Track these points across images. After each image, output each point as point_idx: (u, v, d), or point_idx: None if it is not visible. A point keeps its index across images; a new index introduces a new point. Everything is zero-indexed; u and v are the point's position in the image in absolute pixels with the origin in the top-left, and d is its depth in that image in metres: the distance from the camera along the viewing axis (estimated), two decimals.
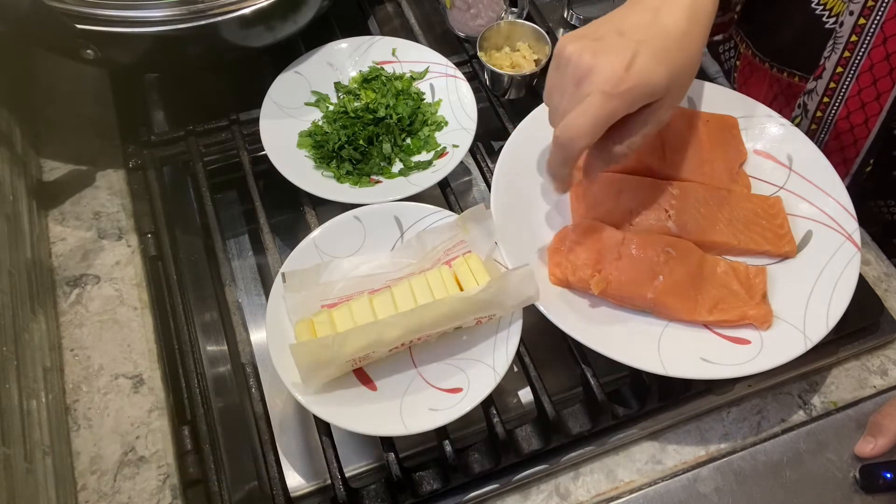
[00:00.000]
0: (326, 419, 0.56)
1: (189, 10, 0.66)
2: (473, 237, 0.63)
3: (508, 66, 0.81)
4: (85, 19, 0.64)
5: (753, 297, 0.61)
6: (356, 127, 0.74)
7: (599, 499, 0.60)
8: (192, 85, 0.83)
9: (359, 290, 0.62)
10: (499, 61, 0.82)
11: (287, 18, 0.72)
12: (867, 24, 0.63)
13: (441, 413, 0.56)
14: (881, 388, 0.66)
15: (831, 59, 0.67)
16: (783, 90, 0.77)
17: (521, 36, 0.83)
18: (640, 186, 0.66)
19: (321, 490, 0.63)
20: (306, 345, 0.55)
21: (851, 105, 0.67)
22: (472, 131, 0.74)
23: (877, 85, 0.65)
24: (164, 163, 0.76)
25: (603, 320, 0.62)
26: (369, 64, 0.80)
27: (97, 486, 0.60)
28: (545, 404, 0.60)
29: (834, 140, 0.71)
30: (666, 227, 0.64)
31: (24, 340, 0.60)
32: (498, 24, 0.81)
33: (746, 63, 0.80)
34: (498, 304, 0.58)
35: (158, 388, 0.65)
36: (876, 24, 0.63)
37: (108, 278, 0.71)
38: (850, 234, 0.64)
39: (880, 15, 0.62)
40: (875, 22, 0.63)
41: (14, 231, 0.65)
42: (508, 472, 0.60)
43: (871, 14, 0.63)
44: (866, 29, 0.63)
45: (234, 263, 0.79)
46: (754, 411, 0.65)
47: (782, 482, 0.60)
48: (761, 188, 0.69)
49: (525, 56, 0.82)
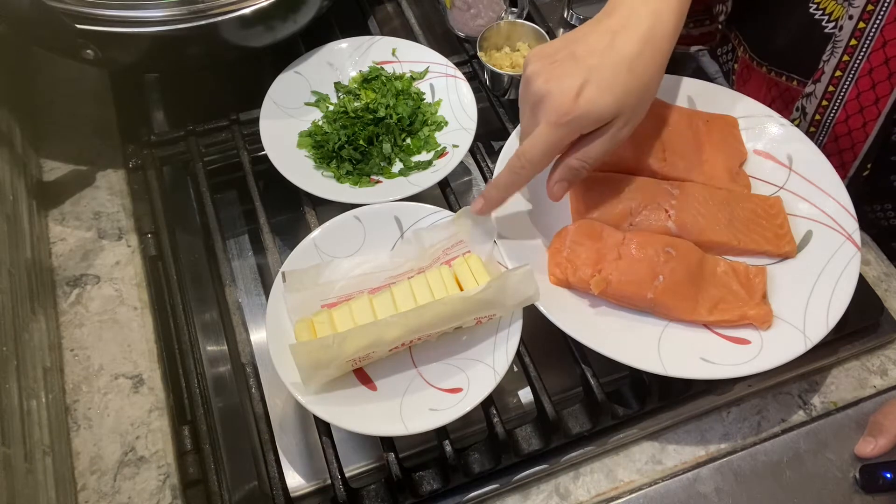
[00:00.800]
0: (326, 419, 0.56)
1: (189, 10, 0.66)
2: (473, 237, 0.63)
3: (508, 66, 0.81)
4: (85, 19, 0.64)
5: (753, 297, 0.61)
6: (356, 127, 0.74)
7: (599, 499, 0.60)
8: (192, 85, 0.83)
9: (359, 289, 0.62)
10: (499, 61, 0.82)
11: (287, 18, 0.72)
12: (867, 28, 0.63)
13: (441, 413, 0.56)
14: (881, 388, 0.66)
15: (830, 63, 0.67)
16: (781, 93, 0.77)
17: (521, 36, 0.83)
18: (640, 186, 0.66)
19: (321, 490, 0.63)
20: (306, 345, 0.55)
21: (850, 109, 0.67)
22: (472, 131, 0.74)
23: (875, 89, 0.65)
24: (164, 163, 0.76)
25: (603, 320, 0.62)
26: (369, 64, 0.80)
27: (97, 486, 0.60)
28: (545, 404, 0.60)
29: (832, 143, 0.71)
30: (666, 227, 0.64)
31: (24, 340, 0.60)
32: (498, 24, 0.81)
33: (744, 66, 0.81)
34: (498, 304, 0.58)
35: (158, 388, 0.65)
36: (875, 28, 0.63)
37: (108, 278, 0.71)
38: (851, 234, 0.64)
39: (880, 19, 0.62)
40: (875, 26, 0.63)
41: (14, 231, 0.65)
42: (508, 472, 0.60)
43: (870, 18, 0.63)
44: (866, 33, 0.63)
45: (234, 263, 0.79)
46: (754, 411, 0.65)
47: (782, 482, 0.60)
48: (761, 188, 0.69)
49: (525, 56, 0.81)
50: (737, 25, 0.81)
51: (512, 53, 0.82)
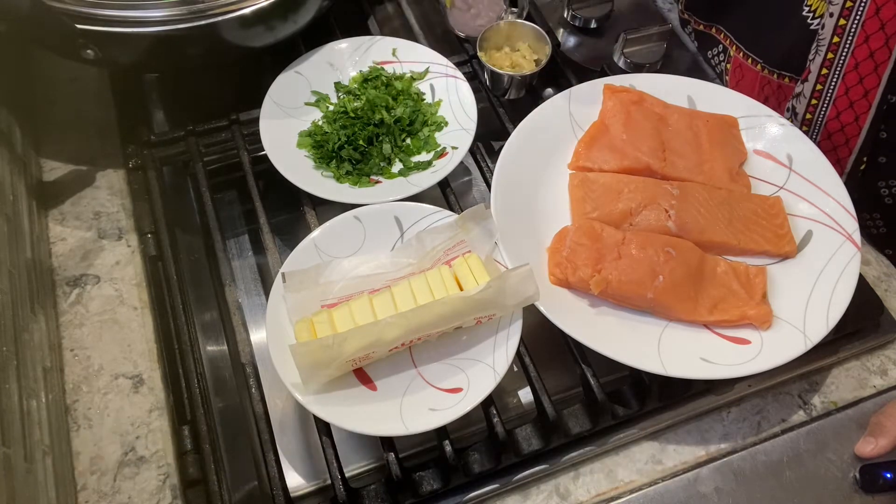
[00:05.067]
0: (326, 419, 0.56)
1: (189, 10, 0.66)
2: (473, 237, 0.63)
3: (508, 65, 0.81)
4: (85, 19, 0.64)
5: (753, 297, 0.61)
6: (356, 127, 0.74)
7: (599, 499, 0.60)
8: (192, 85, 0.83)
9: (359, 290, 0.62)
10: (499, 61, 0.82)
11: (287, 18, 0.72)
12: (847, 24, 0.63)
13: (441, 413, 0.56)
14: (881, 388, 0.66)
15: (815, 62, 0.67)
16: (774, 91, 0.77)
17: (521, 36, 0.83)
18: (640, 186, 0.66)
19: (321, 490, 0.63)
20: (306, 345, 0.55)
21: (840, 105, 0.68)
22: (472, 131, 0.74)
23: (863, 83, 0.65)
24: (164, 163, 0.76)
25: (603, 320, 0.62)
26: (369, 64, 0.80)
27: (97, 486, 0.60)
28: (545, 404, 0.60)
29: (826, 141, 0.71)
30: (666, 227, 0.64)
31: (24, 340, 0.60)
32: (498, 24, 0.81)
33: (737, 65, 0.81)
34: (498, 303, 0.58)
35: (158, 388, 0.65)
36: (856, 23, 0.63)
37: (108, 278, 0.71)
38: (850, 234, 0.64)
39: (860, 14, 0.63)
40: (855, 22, 0.63)
41: (14, 231, 0.65)
42: (508, 472, 0.60)
43: (850, 14, 0.63)
44: (847, 29, 0.64)
45: (234, 263, 0.79)
46: (754, 411, 0.65)
47: (782, 482, 0.60)
48: (761, 188, 0.69)
49: (525, 56, 0.82)
50: (727, 24, 0.82)
51: (512, 53, 0.82)
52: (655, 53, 0.85)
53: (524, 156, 0.69)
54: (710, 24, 0.84)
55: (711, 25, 0.84)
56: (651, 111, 0.71)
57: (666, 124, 0.71)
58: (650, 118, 0.70)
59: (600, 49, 0.89)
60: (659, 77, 0.75)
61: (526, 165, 0.69)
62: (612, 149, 0.69)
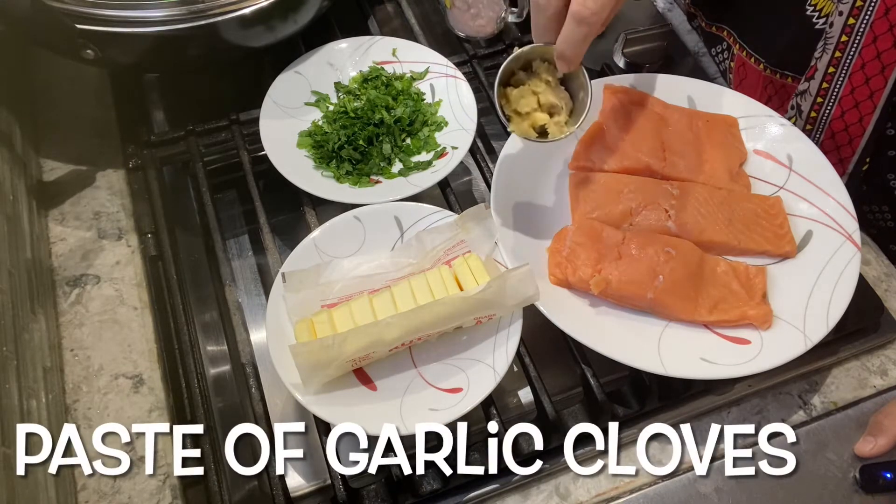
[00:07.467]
0: (326, 419, 0.56)
1: (189, 10, 0.66)
2: (473, 237, 0.63)
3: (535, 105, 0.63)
4: (85, 19, 0.64)
5: (753, 297, 0.61)
6: (356, 127, 0.74)
7: (599, 499, 0.60)
8: (192, 85, 0.83)
9: (359, 290, 0.62)
10: (523, 106, 0.62)
11: (287, 18, 0.73)
12: (856, 23, 0.64)
13: (441, 413, 0.56)
14: (881, 388, 0.66)
15: (822, 60, 0.67)
16: (777, 91, 0.77)
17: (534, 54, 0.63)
18: (640, 186, 0.66)
19: (321, 490, 0.63)
20: (306, 345, 0.55)
21: (845, 104, 0.68)
22: (472, 131, 0.74)
23: (869, 83, 0.65)
24: (164, 163, 0.76)
25: (603, 320, 0.62)
26: (369, 64, 0.80)
27: (97, 486, 0.60)
28: (545, 404, 0.60)
29: (829, 140, 0.71)
30: (666, 227, 0.64)
31: (24, 340, 0.60)
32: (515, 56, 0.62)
33: (740, 64, 0.81)
34: (498, 303, 0.58)
35: (158, 388, 0.65)
36: (865, 23, 0.63)
37: (108, 278, 0.70)
38: (851, 234, 0.64)
39: (869, 14, 0.63)
40: (864, 21, 0.63)
41: (14, 231, 0.65)
42: (508, 472, 0.60)
43: (860, 14, 0.63)
44: (856, 28, 0.64)
45: (234, 263, 0.79)
46: (754, 411, 0.65)
47: (782, 482, 0.60)
48: (761, 188, 0.69)
49: (549, 80, 0.62)
50: (730, 23, 0.82)
51: (532, 83, 0.63)
52: (655, 53, 0.85)
53: (524, 156, 0.69)
54: (714, 21, 0.84)
55: (714, 24, 0.84)
56: (651, 111, 0.71)
57: (666, 124, 0.71)
58: (650, 118, 0.70)
59: (600, 49, 0.89)
60: (659, 77, 0.75)
61: (526, 165, 0.69)
62: (612, 149, 0.69)
